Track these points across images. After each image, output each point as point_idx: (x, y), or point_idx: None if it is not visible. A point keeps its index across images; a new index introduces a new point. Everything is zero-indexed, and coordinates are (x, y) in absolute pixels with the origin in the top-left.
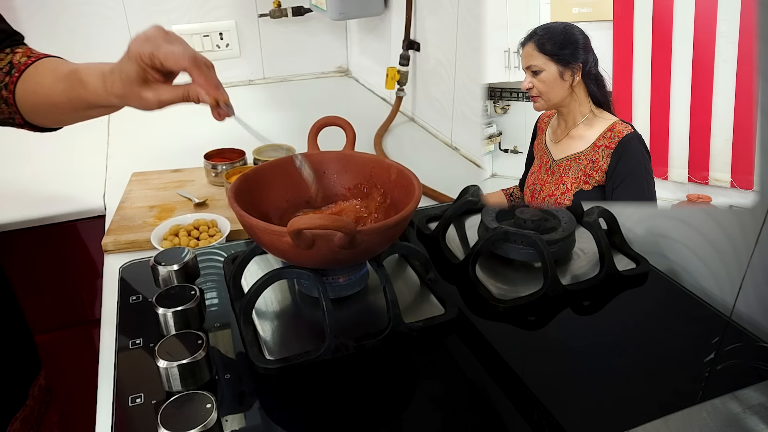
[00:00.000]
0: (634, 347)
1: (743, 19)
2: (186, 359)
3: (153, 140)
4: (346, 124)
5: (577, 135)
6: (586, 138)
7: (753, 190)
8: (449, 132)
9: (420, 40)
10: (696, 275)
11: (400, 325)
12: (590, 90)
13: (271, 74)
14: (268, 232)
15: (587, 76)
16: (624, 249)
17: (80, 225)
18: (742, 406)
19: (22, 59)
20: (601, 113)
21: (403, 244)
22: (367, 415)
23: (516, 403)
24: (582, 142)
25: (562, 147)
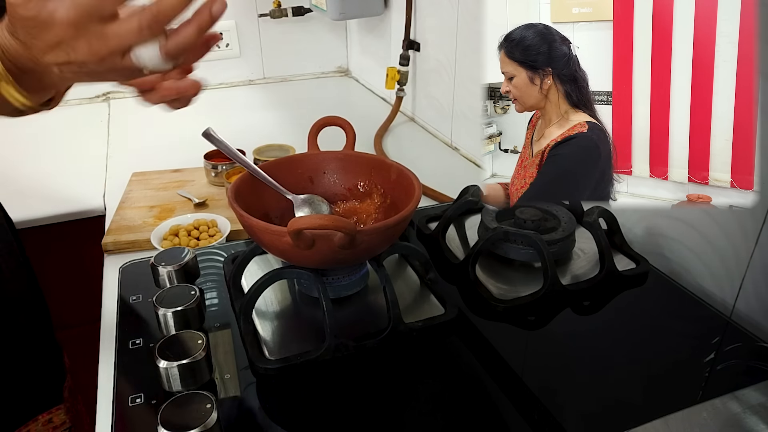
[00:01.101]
0: (634, 347)
1: (743, 19)
2: (186, 359)
3: (153, 140)
4: (346, 124)
5: (548, 134)
6: (552, 137)
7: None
8: (449, 132)
9: (420, 40)
10: (696, 275)
11: (400, 325)
12: (566, 91)
13: (271, 74)
14: (268, 232)
15: (561, 78)
16: (624, 249)
17: (80, 225)
18: (742, 406)
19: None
20: (576, 114)
21: (403, 244)
22: (367, 415)
23: (516, 403)
24: (547, 140)
25: (538, 144)
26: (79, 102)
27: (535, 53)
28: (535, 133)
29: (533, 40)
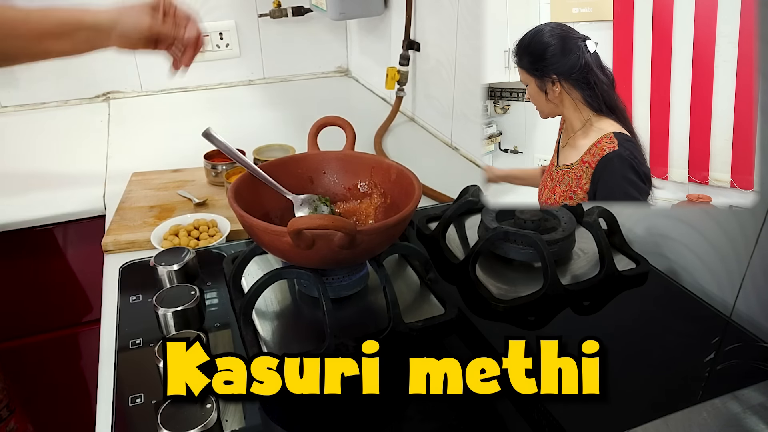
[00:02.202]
0: (634, 347)
1: (743, 19)
2: None
3: (153, 140)
4: (346, 124)
5: (574, 144)
6: (579, 149)
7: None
8: (449, 132)
9: (420, 40)
10: (696, 275)
11: (400, 325)
12: (583, 96)
13: (271, 74)
14: (268, 232)
15: (575, 83)
16: (624, 249)
17: (80, 225)
18: (742, 406)
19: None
20: (599, 121)
21: (403, 244)
22: (367, 415)
23: (516, 404)
24: (575, 152)
25: (565, 153)
26: (79, 102)
27: (539, 59)
28: (561, 138)
29: (538, 45)
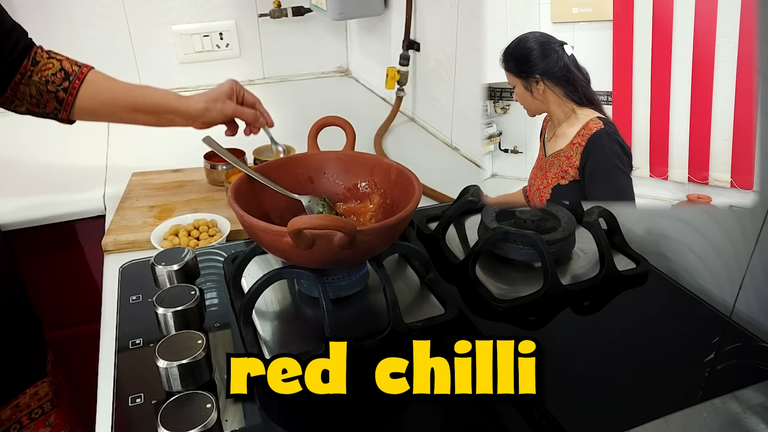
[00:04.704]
0: (633, 347)
1: (743, 19)
2: (186, 359)
3: (153, 140)
4: (346, 124)
5: (561, 133)
6: (567, 136)
7: (753, 190)
8: (449, 132)
9: (420, 40)
10: (696, 275)
11: (400, 325)
12: (564, 92)
13: (271, 74)
14: (268, 232)
15: (555, 81)
16: (624, 249)
17: (80, 225)
18: (742, 406)
19: (74, 68)
20: (582, 111)
21: (403, 244)
22: (367, 415)
23: (516, 404)
24: (563, 139)
25: (551, 144)
26: None
27: (523, 63)
28: (546, 133)
29: (521, 51)
